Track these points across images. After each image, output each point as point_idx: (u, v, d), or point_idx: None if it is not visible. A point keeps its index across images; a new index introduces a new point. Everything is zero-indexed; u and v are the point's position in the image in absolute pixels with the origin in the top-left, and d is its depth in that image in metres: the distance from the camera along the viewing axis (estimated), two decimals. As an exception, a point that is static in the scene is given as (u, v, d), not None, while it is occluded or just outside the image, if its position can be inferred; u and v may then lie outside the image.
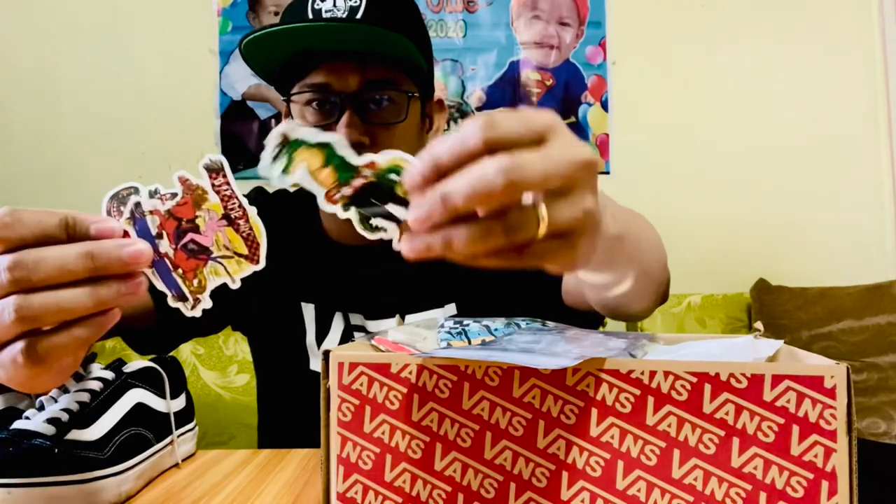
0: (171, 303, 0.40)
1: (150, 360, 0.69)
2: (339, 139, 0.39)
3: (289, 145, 0.39)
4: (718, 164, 2.08)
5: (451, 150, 0.35)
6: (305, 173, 0.38)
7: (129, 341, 0.82)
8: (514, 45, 2.08)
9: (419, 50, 0.82)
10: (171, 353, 0.80)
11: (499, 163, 0.34)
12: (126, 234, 0.39)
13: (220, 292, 0.41)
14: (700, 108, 2.09)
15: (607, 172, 2.07)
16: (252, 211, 0.40)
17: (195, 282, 0.39)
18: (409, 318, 0.87)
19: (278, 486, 0.61)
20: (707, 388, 0.40)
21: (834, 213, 2.07)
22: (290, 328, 0.88)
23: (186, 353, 1.75)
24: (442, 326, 0.56)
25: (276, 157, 0.39)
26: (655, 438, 0.41)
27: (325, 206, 0.39)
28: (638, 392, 0.41)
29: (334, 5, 0.79)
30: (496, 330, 0.55)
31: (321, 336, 0.88)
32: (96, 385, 0.60)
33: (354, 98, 0.79)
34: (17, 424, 0.55)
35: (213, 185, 0.40)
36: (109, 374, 0.62)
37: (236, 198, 0.40)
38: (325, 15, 0.79)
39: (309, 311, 0.88)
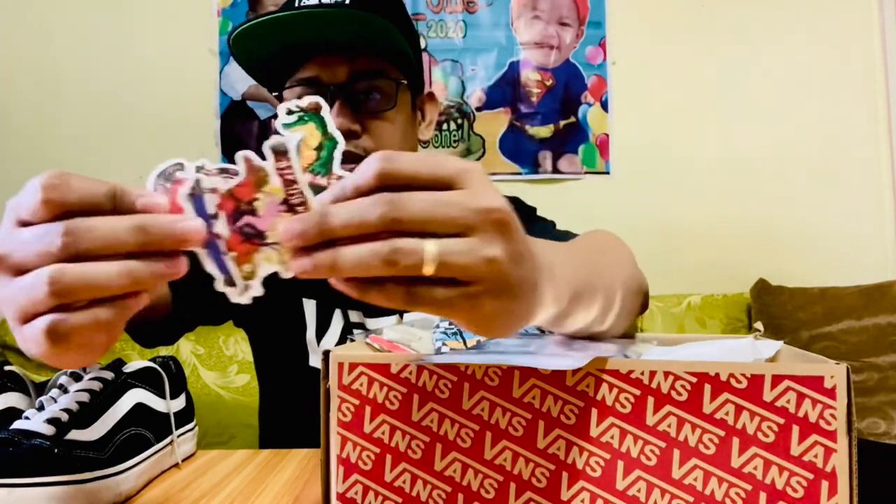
0: (219, 287, 0.38)
1: (150, 360, 0.69)
2: (343, 144, 0.39)
3: (310, 114, 0.38)
4: (718, 164, 2.07)
5: (352, 179, 0.35)
6: (297, 140, 0.38)
7: (135, 336, 0.82)
8: (514, 45, 2.08)
9: (406, 40, 0.83)
10: (171, 353, 0.80)
11: (380, 196, 0.34)
12: (172, 210, 0.37)
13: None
14: (700, 108, 2.09)
15: (607, 172, 2.07)
16: (314, 201, 0.37)
17: (246, 267, 0.38)
18: (408, 317, 0.87)
19: (278, 486, 0.61)
20: (707, 388, 0.40)
21: (834, 214, 2.07)
22: (290, 324, 0.89)
23: (186, 352, 1.75)
24: (437, 327, 0.56)
25: (292, 113, 0.38)
26: (655, 438, 0.41)
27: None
28: (638, 392, 0.41)
29: None
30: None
31: (321, 332, 0.88)
32: (96, 385, 0.60)
33: (344, 88, 0.81)
34: (17, 424, 0.55)
35: (276, 168, 0.38)
36: (109, 374, 0.62)
37: (299, 184, 0.38)
38: (311, 2, 0.80)
39: (310, 306, 0.89)
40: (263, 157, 0.38)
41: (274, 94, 0.88)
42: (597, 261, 0.56)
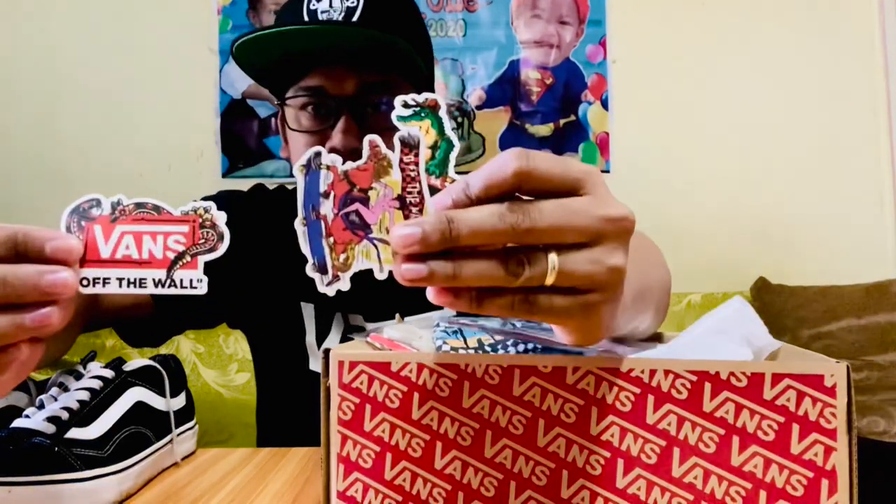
0: (309, 271, 0.36)
1: (150, 358, 0.69)
2: (458, 147, 0.37)
3: (426, 110, 0.37)
4: (719, 162, 2.07)
5: (483, 176, 0.34)
6: (419, 133, 0.36)
7: (121, 333, 0.81)
8: (514, 44, 2.08)
9: (418, 52, 0.80)
10: (170, 351, 0.80)
11: (511, 205, 0.33)
12: (84, 255, 0.35)
13: (219, 287, 0.40)
14: (700, 107, 2.09)
15: (607, 171, 2.07)
16: (430, 202, 0.35)
17: (342, 257, 0.36)
18: (408, 319, 0.87)
19: (278, 484, 0.61)
20: (707, 386, 0.40)
21: (834, 212, 2.07)
22: (289, 327, 0.88)
23: (187, 351, 1.75)
24: (437, 325, 0.56)
25: (409, 106, 0.36)
26: (655, 437, 0.41)
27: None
28: (638, 391, 0.41)
29: (330, 6, 0.77)
30: (492, 329, 0.55)
31: (321, 336, 0.87)
32: (96, 384, 0.60)
33: (351, 102, 0.77)
34: (17, 423, 0.55)
35: (401, 161, 0.36)
36: (109, 373, 0.62)
37: (420, 183, 0.36)
38: (320, 16, 0.77)
39: (308, 310, 0.88)
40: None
41: (277, 102, 0.85)
42: (644, 267, 0.57)
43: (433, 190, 0.36)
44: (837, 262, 2.02)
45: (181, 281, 0.36)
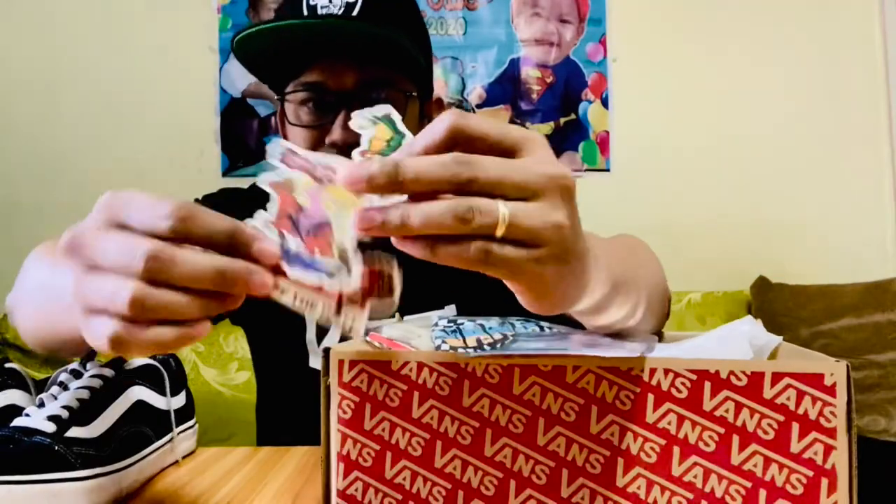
0: (332, 287, 0.38)
1: (150, 357, 0.69)
2: (411, 137, 0.39)
3: (382, 118, 0.40)
4: (719, 161, 2.07)
5: (422, 134, 0.36)
6: (372, 137, 0.40)
7: None
8: (514, 42, 2.08)
9: (418, 47, 0.80)
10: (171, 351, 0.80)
11: (456, 155, 0.34)
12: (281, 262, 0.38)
13: None
14: (700, 106, 2.09)
15: (607, 170, 2.07)
16: (342, 162, 0.39)
17: (335, 254, 0.38)
18: (408, 318, 0.87)
19: (278, 483, 0.61)
20: (707, 385, 0.40)
21: (834, 211, 2.07)
22: (289, 324, 0.88)
23: (186, 350, 1.75)
24: (436, 325, 0.56)
25: (366, 118, 0.41)
26: (655, 436, 0.41)
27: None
28: (638, 389, 0.41)
29: (330, 1, 0.77)
30: (490, 328, 0.55)
31: (321, 333, 0.88)
32: (96, 382, 0.60)
33: (350, 98, 0.77)
34: (18, 422, 0.55)
35: (292, 168, 0.39)
36: (109, 372, 0.62)
37: (316, 165, 0.39)
38: (320, 11, 0.77)
39: None
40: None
41: (277, 98, 0.85)
42: (628, 259, 0.57)
43: None
44: (837, 261, 2.02)
45: (346, 315, 0.38)
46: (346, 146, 0.40)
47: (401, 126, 0.40)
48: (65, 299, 0.40)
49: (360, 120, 0.40)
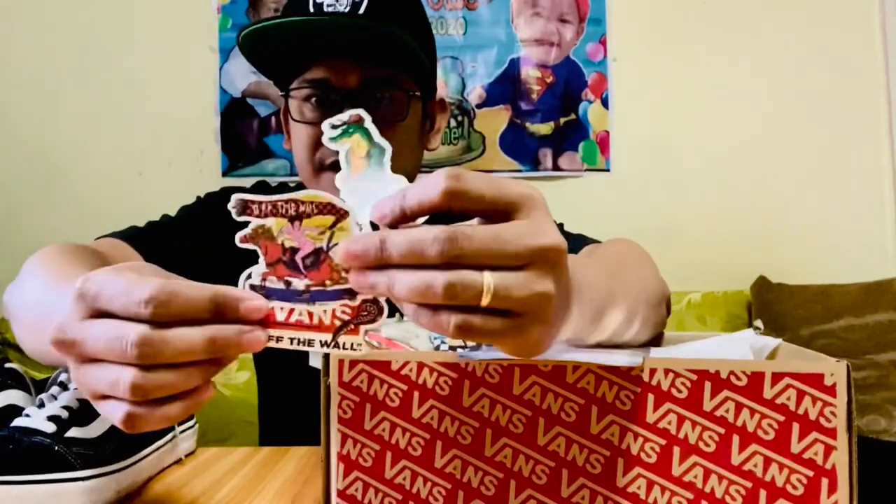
0: (357, 305, 0.39)
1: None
2: (390, 150, 0.40)
3: (354, 126, 0.40)
4: (719, 161, 2.07)
5: (414, 194, 0.36)
6: (348, 151, 0.40)
7: None
8: (514, 42, 2.08)
9: (421, 47, 0.80)
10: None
11: (441, 231, 0.34)
12: (272, 311, 0.39)
13: (227, 281, 0.41)
14: (700, 106, 2.08)
15: (607, 170, 2.07)
16: (299, 194, 0.39)
17: (342, 274, 0.39)
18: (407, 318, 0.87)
19: (278, 483, 0.61)
20: (707, 385, 0.40)
21: (834, 211, 2.07)
22: None
23: (187, 350, 1.74)
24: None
25: (336, 127, 0.40)
26: (655, 436, 0.41)
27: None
28: (638, 389, 0.41)
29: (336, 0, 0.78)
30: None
31: None
32: (96, 382, 0.60)
33: (354, 96, 0.78)
34: (18, 422, 0.55)
35: (261, 215, 0.39)
36: (110, 372, 0.62)
37: (277, 202, 0.39)
38: (326, 9, 0.78)
39: None
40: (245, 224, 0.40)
41: (281, 93, 0.86)
42: (619, 273, 0.57)
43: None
44: (837, 261, 2.02)
45: (344, 344, 0.40)
46: None
47: (377, 137, 0.40)
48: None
49: (332, 132, 0.40)
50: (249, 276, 0.40)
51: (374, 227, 0.38)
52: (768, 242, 2.05)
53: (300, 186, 0.85)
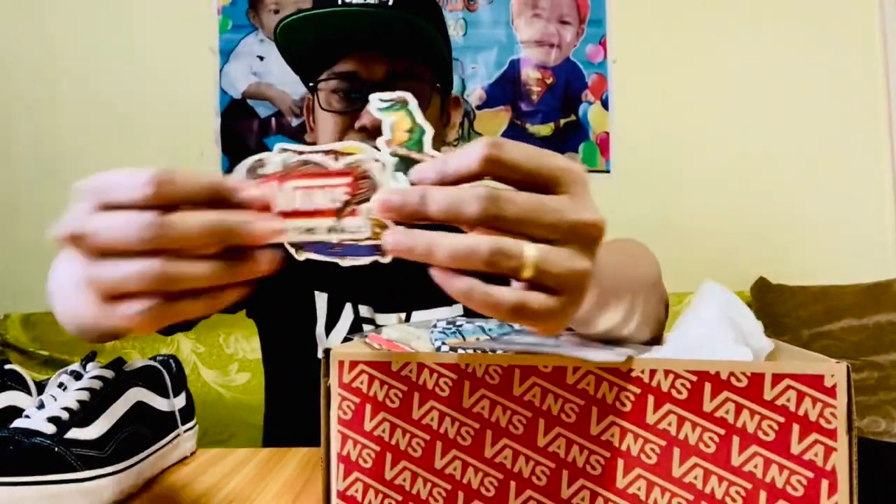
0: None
1: (150, 358, 0.69)
2: (431, 132, 0.39)
3: (400, 105, 0.40)
4: (719, 162, 2.07)
5: (456, 159, 0.35)
6: (391, 124, 0.39)
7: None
8: (514, 43, 2.08)
9: (442, 42, 0.83)
10: (171, 351, 0.80)
11: (483, 190, 0.33)
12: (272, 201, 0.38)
13: None
14: (700, 107, 2.08)
15: (607, 171, 2.07)
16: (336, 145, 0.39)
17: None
18: (417, 314, 0.88)
19: (279, 484, 0.61)
20: (707, 386, 0.40)
21: (834, 212, 2.07)
22: (301, 316, 0.89)
23: (187, 351, 1.75)
24: (435, 326, 0.56)
25: (384, 100, 0.40)
26: (655, 437, 0.41)
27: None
28: (638, 391, 0.41)
29: None
30: (490, 330, 0.55)
31: (330, 326, 0.89)
32: (96, 384, 0.60)
33: (380, 87, 0.80)
34: (18, 423, 0.55)
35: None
36: (109, 373, 0.62)
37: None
38: (356, 0, 0.80)
39: (322, 300, 0.89)
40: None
41: (309, 84, 0.88)
42: (624, 265, 0.57)
43: (411, 161, 0.38)
44: (837, 262, 2.02)
45: (348, 227, 0.38)
46: (376, 130, 0.41)
47: (420, 118, 0.40)
48: (70, 291, 0.39)
49: (379, 103, 0.40)
50: (286, 150, 0.39)
51: None
52: (768, 243, 2.05)
53: None
